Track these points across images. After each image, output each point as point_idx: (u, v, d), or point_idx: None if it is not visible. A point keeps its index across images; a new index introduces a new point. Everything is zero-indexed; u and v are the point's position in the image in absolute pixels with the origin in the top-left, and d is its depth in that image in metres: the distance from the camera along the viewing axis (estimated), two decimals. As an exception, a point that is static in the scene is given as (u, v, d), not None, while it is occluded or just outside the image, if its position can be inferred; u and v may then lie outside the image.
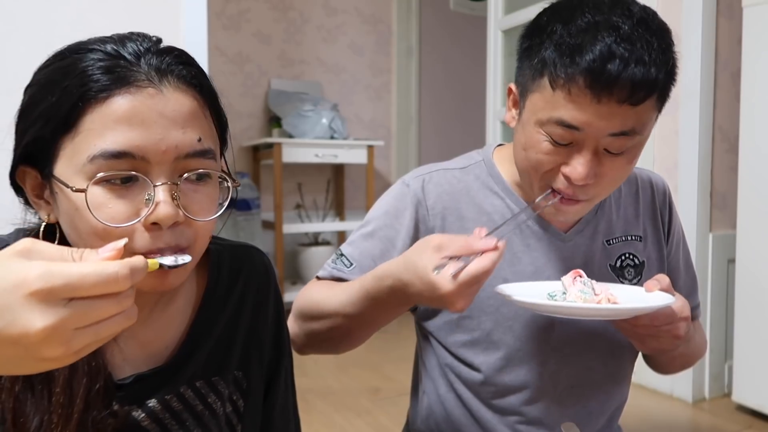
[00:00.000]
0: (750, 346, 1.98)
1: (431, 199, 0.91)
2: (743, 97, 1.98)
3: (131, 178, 0.54)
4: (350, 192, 3.78)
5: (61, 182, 0.54)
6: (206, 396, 0.67)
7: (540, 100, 0.77)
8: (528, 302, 0.73)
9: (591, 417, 0.93)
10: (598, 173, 0.77)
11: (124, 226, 0.53)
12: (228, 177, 0.61)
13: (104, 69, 0.54)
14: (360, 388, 2.25)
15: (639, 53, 0.71)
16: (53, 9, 1.65)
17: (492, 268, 0.65)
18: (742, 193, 2.00)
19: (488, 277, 0.66)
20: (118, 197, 0.54)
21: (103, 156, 0.53)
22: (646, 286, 0.78)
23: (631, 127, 0.75)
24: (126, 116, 0.53)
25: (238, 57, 3.41)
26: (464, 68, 4.15)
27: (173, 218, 0.55)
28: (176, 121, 0.55)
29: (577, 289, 0.75)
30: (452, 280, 0.65)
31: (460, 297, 0.66)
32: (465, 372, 0.92)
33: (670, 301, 0.73)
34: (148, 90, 0.54)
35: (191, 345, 0.67)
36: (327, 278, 0.93)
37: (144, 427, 0.63)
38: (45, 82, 0.56)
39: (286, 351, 0.78)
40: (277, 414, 0.76)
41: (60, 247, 0.42)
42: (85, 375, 0.57)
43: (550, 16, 0.78)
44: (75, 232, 0.56)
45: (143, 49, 0.57)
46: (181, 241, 0.56)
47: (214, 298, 0.70)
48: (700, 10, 2.07)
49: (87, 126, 0.53)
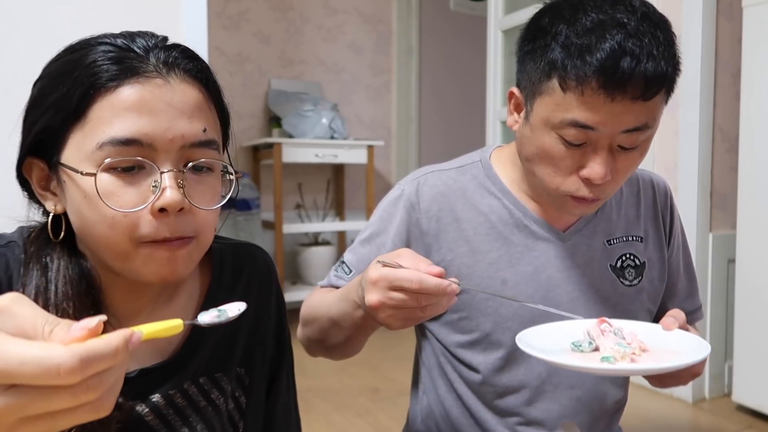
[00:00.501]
0: (750, 346, 1.98)
1: (425, 202, 0.90)
2: (743, 97, 1.98)
3: (138, 166, 0.55)
4: (350, 192, 3.77)
5: (71, 168, 0.56)
6: (209, 392, 0.68)
7: (550, 103, 0.76)
8: (576, 366, 0.65)
9: (591, 417, 0.93)
10: (613, 169, 0.78)
11: (132, 212, 0.55)
12: (231, 168, 0.63)
13: (114, 60, 0.56)
14: (360, 388, 2.25)
15: (648, 48, 0.71)
16: (53, 9, 1.65)
17: (416, 285, 0.62)
18: (742, 193, 2.00)
19: (416, 302, 0.63)
20: (126, 184, 0.55)
21: (112, 143, 0.54)
22: (665, 325, 0.74)
23: (644, 122, 0.75)
24: (135, 105, 0.55)
25: (238, 57, 3.41)
26: (464, 68, 4.15)
27: (180, 204, 0.56)
28: (183, 111, 0.57)
29: (612, 343, 0.69)
30: (378, 269, 0.65)
31: (377, 289, 0.65)
32: (464, 372, 0.92)
33: (707, 353, 0.67)
34: (156, 80, 0.56)
35: (195, 341, 0.68)
36: (328, 286, 0.94)
37: (147, 422, 0.63)
38: (56, 74, 0.57)
39: (287, 349, 0.79)
40: (280, 411, 0.77)
41: (38, 312, 0.38)
42: None
43: (552, 17, 0.77)
44: (82, 222, 0.57)
45: (151, 44, 0.59)
46: (187, 230, 0.58)
47: (217, 295, 0.71)
48: (700, 10, 2.07)
49: (96, 114, 0.55)
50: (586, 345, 0.70)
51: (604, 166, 0.76)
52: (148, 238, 0.56)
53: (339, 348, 0.87)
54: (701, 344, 0.70)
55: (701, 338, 0.72)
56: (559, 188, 0.80)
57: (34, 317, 0.37)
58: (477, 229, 0.90)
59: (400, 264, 0.65)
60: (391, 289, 0.64)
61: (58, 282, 0.59)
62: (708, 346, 0.68)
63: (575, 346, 0.71)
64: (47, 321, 0.37)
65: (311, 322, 0.89)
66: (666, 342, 0.73)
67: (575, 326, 0.74)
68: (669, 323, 0.74)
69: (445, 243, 0.89)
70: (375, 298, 0.65)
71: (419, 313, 0.65)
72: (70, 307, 0.58)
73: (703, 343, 0.70)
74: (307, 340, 0.92)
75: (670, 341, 0.73)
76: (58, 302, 0.58)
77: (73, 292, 0.59)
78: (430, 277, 0.62)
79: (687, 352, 0.69)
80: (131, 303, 0.64)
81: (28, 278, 0.59)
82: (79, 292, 0.59)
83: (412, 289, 0.62)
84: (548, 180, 0.81)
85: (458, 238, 0.89)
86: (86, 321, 0.37)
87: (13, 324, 0.37)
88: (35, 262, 0.60)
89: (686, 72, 2.09)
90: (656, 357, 0.69)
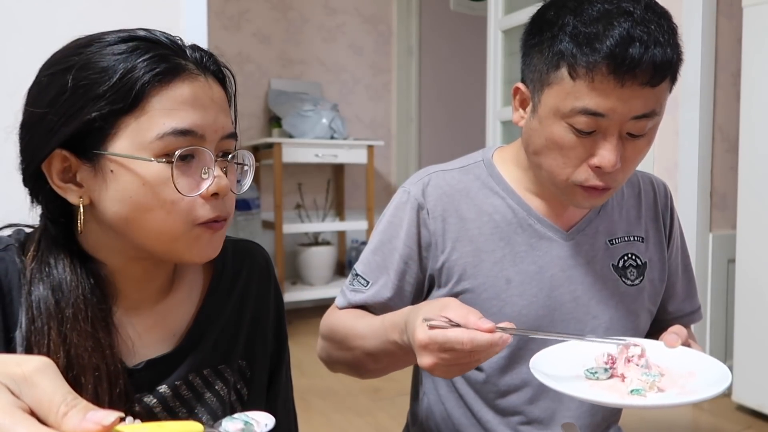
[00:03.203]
0: (750, 346, 1.98)
1: (431, 203, 0.91)
2: (743, 97, 1.98)
3: (191, 154, 0.60)
4: (350, 192, 3.77)
5: (132, 157, 0.58)
6: (213, 383, 0.70)
7: (560, 93, 0.77)
8: (612, 403, 0.63)
9: (592, 417, 0.93)
10: (623, 157, 0.79)
11: (192, 197, 0.60)
12: (250, 159, 0.69)
13: (161, 57, 0.59)
14: (360, 388, 2.25)
15: (655, 35, 0.73)
16: (53, 9, 1.65)
17: (469, 345, 0.62)
18: (742, 193, 2.00)
19: (468, 356, 0.63)
20: (182, 173, 0.60)
21: (174, 133, 0.59)
22: (668, 342, 0.72)
23: (651, 108, 0.76)
24: (189, 99, 0.60)
25: (238, 57, 3.41)
26: (464, 68, 4.15)
27: (229, 188, 0.63)
28: (221, 106, 0.64)
29: (638, 374, 0.66)
30: (426, 330, 0.64)
31: (428, 352, 0.65)
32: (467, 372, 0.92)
33: (727, 385, 0.63)
34: (200, 78, 0.62)
35: (198, 332, 0.70)
36: (348, 305, 0.94)
37: (156, 414, 0.65)
38: (96, 65, 0.58)
39: (286, 344, 0.81)
40: (280, 405, 0.80)
41: (58, 388, 0.36)
42: (108, 379, 0.60)
43: (557, 9, 0.78)
44: (132, 208, 0.59)
45: (180, 42, 0.63)
46: (229, 211, 0.65)
47: (219, 288, 0.73)
48: (700, 10, 2.07)
49: (154, 106, 0.58)
50: (601, 373, 0.68)
51: (614, 153, 0.77)
52: (202, 219, 0.61)
53: (374, 373, 0.89)
54: (715, 365, 0.68)
55: (709, 356, 0.71)
56: (569, 179, 0.81)
57: (53, 394, 0.36)
58: (481, 229, 0.90)
59: (448, 318, 0.64)
60: (443, 351, 0.64)
61: (70, 291, 0.60)
62: (725, 369, 0.66)
63: (590, 373, 0.68)
64: (65, 401, 0.36)
65: (338, 345, 0.90)
66: (677, 362, 0.70)
67: (584, 348, 0.72)
68: (672, 340, 0.72)
69: (450, 242, 0.90)
70: (428, 361, 0.65)
71: (473, 363, 0.66)
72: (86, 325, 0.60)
73: (716, 364, 0.68)
74: (331, 360, 0.93)
75: (682, 361, 0.71)
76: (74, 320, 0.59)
77: (88, 308, 0.60)
78: (481, 335, 0.62)
79: (703, 372, 0.68)
80: (137, 293, 0.66)
81: (34, 287, 0.60)
82: (93, 305, 0.61)
83: (465, 350, 0.63)
84: (558, 171, 0.81)
85: (463, 237, 0.90)
86: (102, 415, 0.35)
87: (31, 395, 0.35)
88: (41, 279, 0.60)
89: (686, 72, 2.09)
90: (676, 381, 0.67)
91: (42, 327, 0.58)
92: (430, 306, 0.69)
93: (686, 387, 0.66)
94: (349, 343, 0.87)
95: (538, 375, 0.65)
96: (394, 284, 0.90)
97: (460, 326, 0.63)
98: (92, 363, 0.59)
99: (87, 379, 0.58)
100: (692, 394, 0.64)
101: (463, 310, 0.65)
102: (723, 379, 0.64)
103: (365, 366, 0.87)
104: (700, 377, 0.67)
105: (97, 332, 0.60)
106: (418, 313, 0.69)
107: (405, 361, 0.80)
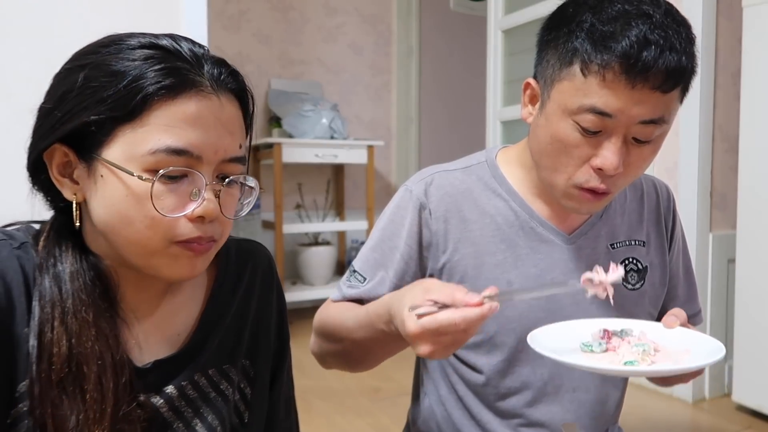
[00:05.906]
0: (750, 346, 1.98)
1: (434, 203, 0.90)
2: (743, 97, 1.98)
3: (186, 174, 0.59)
4: (350, 192, 3.77)
5: (118, 167, 0.57)
6: (218, 383, 0.70)
7: (569, 88, 0.76)
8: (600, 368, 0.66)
9: (593, 419, 0.93)
10: (626, 162, 0.78)
11: (174, 217, 0.58)
12: (253, 183, 0.67)
13: (172, 69, 0.58)
14: (360, 388, 2.25)
15: (672, 41, 0.72)
16: (53, 10, 1.65)
17: (462, 324, 0.61)
18: (742, 193, 2.00)
19: (463, 334, 0.63)
20: (169, 191, 0.58)
21: (167, 151, 0.57)
22: (666, 323, 0.74)
23: (660, 115, 0.75)
24: (192, 117, 0.58)
25: (238, 57, 3.41)
26: (464, 68, 4.15)
27: (216, 214, 0.61)
28: (228, 127, 0.61)
29: (630, 346, 0.69)
30: (416, 320, 0.63)
31: (422, 341, 0.63)
32: (467, 373, 0.92)
33: (723, 351, 0.67)
34: (210, 96, 0.59)
35: (203, 332, 0.70)
36: (342, 299, 0.94)
37: (163, 414, 0.65)
38: (107, 69, 0.58)
39: (288, 343, 0.82)
40: (282, 404, 0.80)
41: None
42: (112, 370, 0.60)
43: (577, 6, 0.78)
44: (115, 216, 0.59)
45: (200, 54, 0.61)
46: (215, 233, 0.62)
47: (223, 288, 0.74)
48: (700, 10, 2.07)
49: (153, 120, 0.57)
50: (596, 346, 0.70)
51: (617, 156, 0.76)
52: (182, 238, 0.59)
53: (364, 364, 0.89)
54: (710, 342, 0.70)
55: (706, 335, 0.73)
56: (569, 179, 0.80)
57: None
58: (483, 231, 0.90)
59: (433, 301, 0.63)
60: (437, 336, 0.63)
61: (74, 290, 0.60)
62: (719, 344, 0.69)
63: (586, 346, 0.70)
64: None
65: (327, 337, 0.90)
66: (674, 341, 0.73)
67: (583, 326, 0.75)
68: (670, 321, 0.75)
69: (452, 244, 0.89)
70: (425, 350, 0.64)
71: (469, 336, 0.65)
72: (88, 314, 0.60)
73: (712, 340, 0.70)
74: (322, 353, 0.93)
75: (679, 340, 0.73)
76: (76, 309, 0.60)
77: (90, 298, 0.61)
78: (471, 311, 0.61)
79: (698, 349, 0.69)
80: (139, 294, 0.67)
81: (42, 277, 0.60)
82: (95, 296, 0.61)
83: (459, 330, 0.62)
84: (560, 170, 0.81)
85: (465, 239, 0.89)
86: None
87: None
88: (47, 270, 0.61)
89: (686, 72, 2.10)
90: (671, 356, 0.69)
91: (47, 316, 0.59)
92: (412, 292, 0.67)
93: (680, 361, 0.68)
94: (338, 335, 0.86)
95: (536, 346, 0.67)
96: (392, 282, 0.90)
97: (447, 306, 0.62)
98: (95, 352, 0.59)
99: (90, 368, 0.59)
100: (685, 363, 0.67)
101: (447, 288, 0.64)
102: (717, 351, 0.67)
103: (355, 357, 0.87)
104: (695, 353, 0.69)
105: (100, 321, 0.60)
106: (402, 301, 0.67)
107: (397, 347, 0.78)
